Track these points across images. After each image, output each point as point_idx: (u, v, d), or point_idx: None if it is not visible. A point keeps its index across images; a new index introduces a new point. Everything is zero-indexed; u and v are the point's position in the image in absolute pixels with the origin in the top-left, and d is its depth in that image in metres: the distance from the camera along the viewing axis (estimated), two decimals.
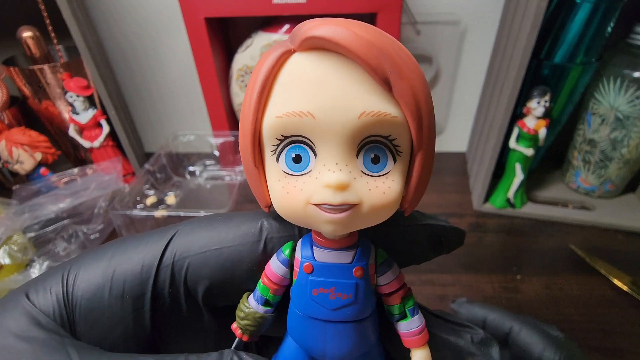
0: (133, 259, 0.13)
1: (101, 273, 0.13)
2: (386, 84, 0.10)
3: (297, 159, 0.10)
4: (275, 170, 0.11)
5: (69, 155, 0.65)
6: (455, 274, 0.44)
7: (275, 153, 0.11)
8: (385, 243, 0.13)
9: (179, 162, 0.59)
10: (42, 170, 0.55)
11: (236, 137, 0.58)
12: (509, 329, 0.24)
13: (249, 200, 0.52)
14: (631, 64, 0.44)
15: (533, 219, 0.52)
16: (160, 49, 0.62)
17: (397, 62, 0.10)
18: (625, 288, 0.41)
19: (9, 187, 0.60)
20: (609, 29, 0.44)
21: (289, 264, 0.13)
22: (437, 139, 0.63)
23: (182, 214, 0.41)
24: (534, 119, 0.47)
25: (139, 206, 0.47)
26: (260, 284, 0.13)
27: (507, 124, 0.46)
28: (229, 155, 0.60)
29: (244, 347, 0.14)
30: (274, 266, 0.13)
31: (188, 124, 0.70)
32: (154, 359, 0.12)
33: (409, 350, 0.13)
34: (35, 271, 0.41)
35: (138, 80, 0.65)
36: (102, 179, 0.51)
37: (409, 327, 0.13)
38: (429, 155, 0.11)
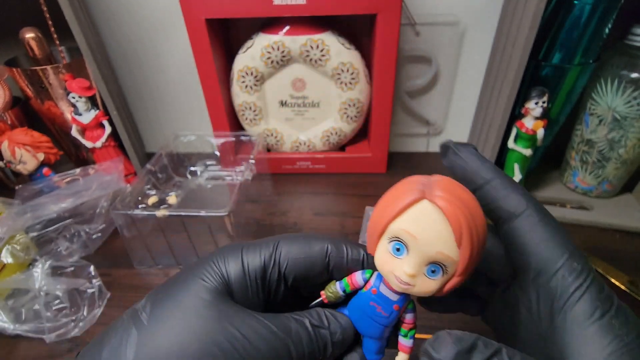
0: (256, 257, 0.20)
1: (240, 266, 0.20)
2: (459, 243, 0.17)
3: (398, 250, 0.18)
4: (385, 247, 0.19)
5: (71, 155, 0.65)
6: None
7: (390, 241, 0.18)
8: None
9: (180, 162, 0.59)
10: (45, 170, 0.56)
11: (237, 137, 0.59)
12: (524, 209, 0.19)
13: (250, 201, 0.53)
14: (629, 65, 0.44)
15: None
16: (161, 50, 0.62)
17: (470, 233, 0.17)
18: (623, 287, 0.42)
19: (12, 187, 0.61)
20: (607, 30, 0.44)
21: (365, 281, 0.21)
22: (436, 139, 0.64)
23: (183, 213, 0.42)
24: (532, 119, 0.47)
25: (140, 206, 0.48)
26: (345, 280, 0.22)
27: (505, 124, 0.47)
28: (229, 155, 0.60)
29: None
30: (357, 277, 0.21)
31: (189, 124, 0.70)
32: (290, 315, 0.20)
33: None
34: (37, 270, 0.41)
35: (139, 81, 0.66)
36: (104, 179, 0.51)
37: (405, 343, 0.21)
38: (463, 276, 0.18)
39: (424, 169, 0.65)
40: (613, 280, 0.42)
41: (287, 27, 0.52)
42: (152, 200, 0.50)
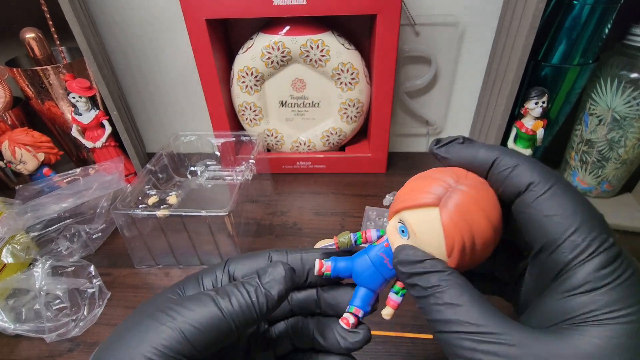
0: (211, 276, 0.23)
1: (197, 287, 0.22)
2: (448, 254, 0.18)
3: (403, 232, 0.20)
4: (395, 223, 0.20)
5: (72, 155, 0.65)
6: None
7: (399, 222, 0.20)
8: None
9: (180, 162, 0.59)
10: (45, 170, 0.56)
11: (237, 137, 0.59)
12: (528, 183, 0.18)
13: (250, 201, 0.53)
14: (628, 65, 0.45)
15: None
16: (161, 50, 0.62)
17: (461, 251, 0.18)
18: None
19: (12, 187, 0.61)
20: (606, 31, 0.44)
21: (378, 237, 0.23)
22: (436, 139, 0.63)
23: (183, 213, 0.42)
24: (532, 119, 0.47)
25: (140, 206, 0.48)
26: (359, 233, 0.23)
27: (505, 124, 0.47)
28: (230, 155, 0.60)
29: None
30: (372, 232, 0.23)
31: (189, 124, 0.70)
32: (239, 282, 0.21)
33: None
34: (38, 270, 0.41)
35: (140, 81, 0.66)
36: (104, 179, 0.52)
37: (395, 299, 0.22)
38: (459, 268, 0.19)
39: (424, 169, 0.64)
40: None
41: (287, 28, 0.52)
42: (152, 200, 0.50)
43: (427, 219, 0.19)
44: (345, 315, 0.22)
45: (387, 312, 0.22)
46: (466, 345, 0.16)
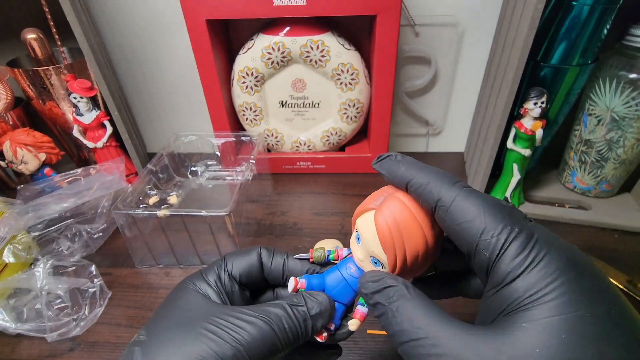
0: (213, 272, 0.25)
1: (204, 282, 0.24)
2: (384, 250, 0.21)
3: (358, 239, 0.23)
4: (354, 234, 0.24)
5: (73, 155, 0.65)
6: None
7: (355, 231, 0.23)
8: None
9: (180, 163, 0.59)
10: (46, 170, 0.56)
11: (237, 137, 0.59)
12: (436, 199, 0.19)
13: (250, 201, 0.53)
14: (627, 66, 0.45)
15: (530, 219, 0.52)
16: (162, 51, 0.62)
17: (393, 247, 0.20)
18: (621, 287, 0.42)
19: (13, 187, 0.61)
20: (605, 31, 0.45)
21: (348, 253, 0.25)
22: (436, 139, 0.64)
23: (184, 213, 0.42)
24: (531, 119, 0.47)
25: (141, 206, 0.48)
26: (332, 250, 0.26)
27: (504, 124, 0.47)
28: (230, 155, 0.61)
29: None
30: (343, 251, 0.26)
31: (190, 124, 0.71)
32: (269, 302, 0.23)
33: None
34: (39, 270, 0.42)
35: (140, 81, 0.66)
36: (105, 179, 0.52)
37: (362, 310, 0.23)
38: (399, 273, 0.21)
39: None
40: (612, 280, 0.42)
41: (288, 28, 0.52)
42: (153, 200, 0.50)
43: (368, 221, 0.21)
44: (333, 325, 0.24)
45: (353, 323, 0.23)
46: (422, 352, 0.17)
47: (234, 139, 0.59)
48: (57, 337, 0.39)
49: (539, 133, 0.47)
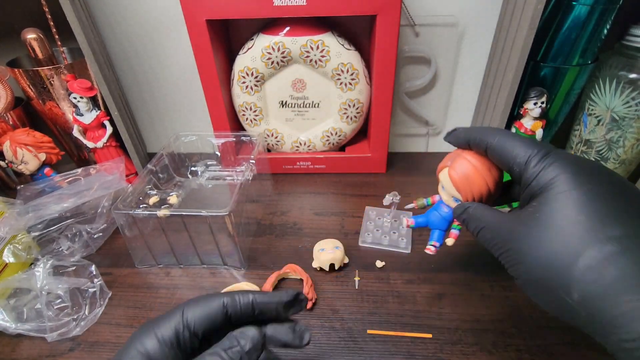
0: (168, 329, 0.24)
1: (155, 340, 0.23)
2: (457, 190, 0.30)
3: (442, 188, 0.33)
4: (440, 187, 0.33)
5: (73, 155, 0.65)
6: (453, 272, 0.45)
7: (439, 183, 0.33)
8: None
9: (181, 163, 0.60)
10: (46, 170, 0.56)
11: (237, 137, 0.59)
12: (485, 145, 0.27)
13: (250, 200, 0.53)
14: (627, 66, 0.45)
15: None
16: (162, 51, 0.62)
17: (464, 189, 0.30)
18: None
19: (13, 187, 0.61)
20: (605, 31, 0.45)
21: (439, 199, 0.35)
22: (435, 139, 0.65)
23: (184, 213, 0.42)
24: (531, 119, 0.47)
25: (141, 206, 0.48)
26: (429, 198, 0.36)
27: (504, 124, 0.47)
28: (230, 155, 0.61)
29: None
30: (436, 198, 0.35)
31: (190, 124, 0.71)
32: (204, 353, 0.23)
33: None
34: (39, 270, 0.42)
35: (140, 82, 0.66)
36: (105, 179, 0.52)
37: (455, 231, 0.34)
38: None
39: (424, 168, 0.65)
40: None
41: (288, 28, 0.52)
42: (153, 200, 0.50)
43: (445, 175, 0.31)
44: (428, 246, 0.35)
45: (450, 241, 0.34)
46: (486, 235, 0.26)
47: (234, 139, 0.59)
48: (57, 337, 0.39)
49: (539, 133, 0.47)
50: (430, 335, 0.38)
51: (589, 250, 0.20)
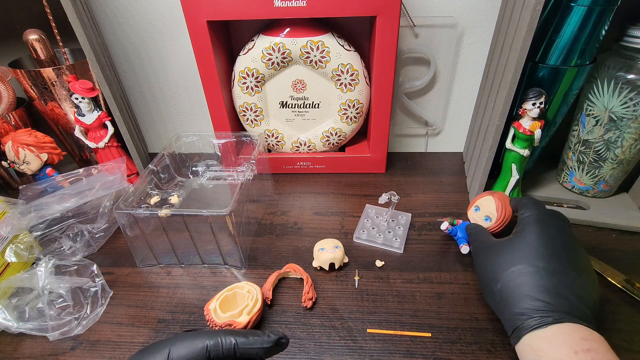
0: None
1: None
2: (497, 211, 0.46)
3: (476, 209, 0.51)
4: (472, 209, 0.51)
5: (74, 155, 0.66)
6: (454, 272, 0.45)
7: (474, 207, 0.50)
8: None
9: (182, 163, 0.60)
10: (48, 170, 0.56)
11: (238, 137, 0.59)
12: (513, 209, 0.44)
13: (251, 200, 0.53)
14: (625, 66, 0.45)
15: None
16: (163, 52, 0.63)
17: (500, 210, 0.46)
18: (619, 286, 0.42)
19: (16, 187, 0.62)
20: (603, 32, 0.45)
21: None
22: (435, 139, 0.66)
23: (185, 213, 0.42)
24: (530, 120, 0.48)
25: (143, 205, 0.48)
26: (454, 221, 0.50)
27: (503, 124, 0.47)
28: (231, 155, 0.61)
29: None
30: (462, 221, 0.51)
31: (191, 124, 0.71)
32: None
33: None
34: (41, 269, 0.42)
35: (142, 82, 0.66)
36: (107, 179, 0.52)
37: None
38: (498, 224, 0.47)
39: (423, 169, 0.65)
40: (609, 279, 0.43)
41: (288, 29, 0.53)
42: (154, 199, 0.50)
43: (487, 200, 0.46)
44: (461, 246, 0.47)
45: (465, 250, 0.47)
46: (480, 248, 0.40)
47: (235, 139, 0.59)
48: (59, 336, 0.39)
49: (538, 133, 0.48)
50: (429, 334, 0.38)
51: (518, 265, 0.34)
